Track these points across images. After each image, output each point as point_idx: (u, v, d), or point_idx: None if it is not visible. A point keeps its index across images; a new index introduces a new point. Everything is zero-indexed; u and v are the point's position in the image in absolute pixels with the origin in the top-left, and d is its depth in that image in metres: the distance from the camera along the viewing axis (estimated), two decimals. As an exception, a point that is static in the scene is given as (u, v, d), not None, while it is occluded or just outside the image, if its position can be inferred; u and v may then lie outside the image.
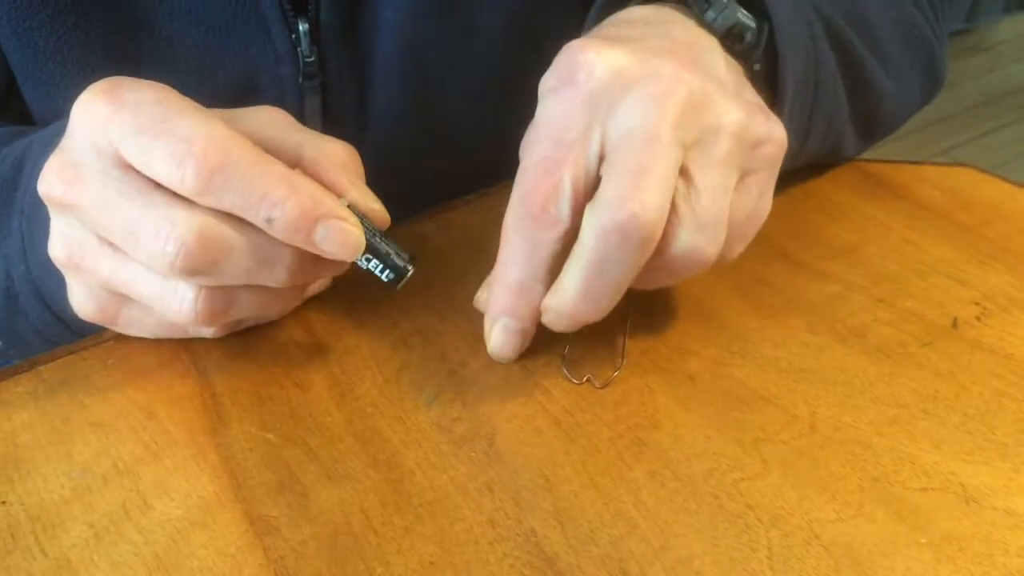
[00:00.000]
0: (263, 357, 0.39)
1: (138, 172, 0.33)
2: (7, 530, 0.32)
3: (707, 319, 0.41)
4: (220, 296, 0.35)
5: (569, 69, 0.36)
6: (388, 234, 0.37)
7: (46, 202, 0.35)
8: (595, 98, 0.35)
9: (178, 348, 0.40)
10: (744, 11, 0.41)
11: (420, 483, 0.34)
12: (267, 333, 0.41)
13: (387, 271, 0.37)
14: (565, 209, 0.35)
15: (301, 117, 0.41)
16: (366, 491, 0.33)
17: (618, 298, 0.36)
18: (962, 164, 0.53)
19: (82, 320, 0.39)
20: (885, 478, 0.33)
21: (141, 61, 0.48)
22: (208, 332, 0.39)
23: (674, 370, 0.38)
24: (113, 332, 0.41)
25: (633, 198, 0.33)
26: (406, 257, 0.37)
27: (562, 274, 0.35)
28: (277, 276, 0.35)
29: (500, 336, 0.38)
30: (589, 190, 0.35)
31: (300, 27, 0.49)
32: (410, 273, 0.37)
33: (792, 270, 0.44)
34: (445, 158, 0.53)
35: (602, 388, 0.37)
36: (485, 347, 0.39)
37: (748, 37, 0.41)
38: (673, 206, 0.34)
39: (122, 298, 0.37)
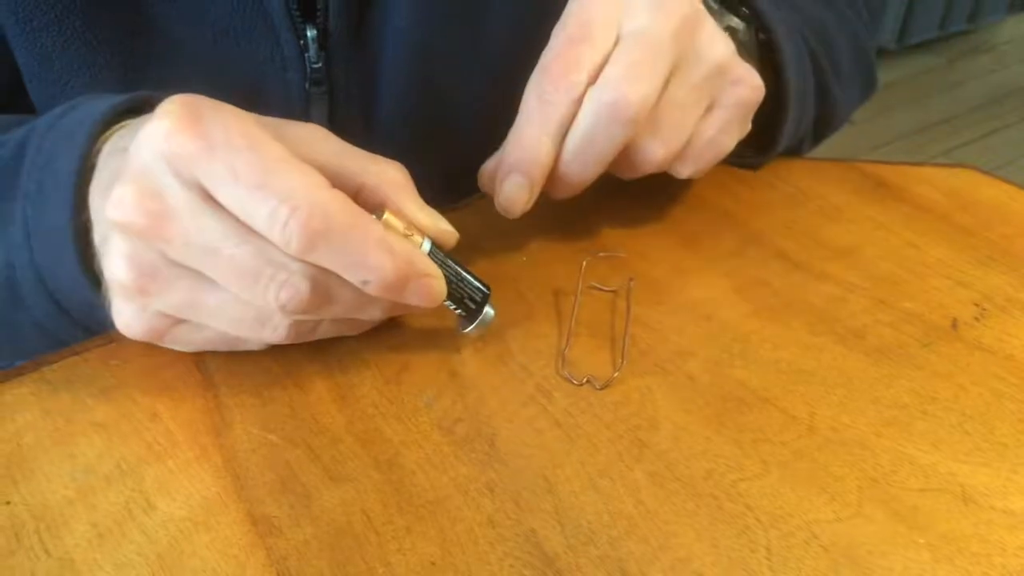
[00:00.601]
0: (265, 359, 0.40)
1: (227, 211, 0.33)
2: (11, 530, 0.32)
3: (707, 320, 0.41)
4: (308, 326, 0.37)
5: None
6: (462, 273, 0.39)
7: (114, 227, 0.34)
8: None
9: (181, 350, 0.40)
10: (735, 18, 0.46)
11: (421, 484, 0.34)
12: (269, 334, 0.41)
13: (461, 310, 0.39)
14: (581, 77, 0.39)
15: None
16: (367, 491, 0.34)
17: (601, 169, 0.41)
18: (963, 165, 0.53)
19: (86, 312, 0.38)
20: (884, 479, 0.34)
21: (149, 63, 0.49)
22: (266, 345, 0.39)
23: (674, 371, 0.39)
24: (117, 334, 0.41)
25: (627, 83, 0.38)
26: (479, 299, 0.39)
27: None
28: (370, 315, 0.38)
29: (510, 188, 0.40)
30: (599, 70, 0.39)
31: (308, 33, 0.49)
32: (482, 318, 0.39)
33: (792, 271, 0.44)
34: (449, 165, 0.53)
35: (602, 389, 0.38)
36: (485, 348, 0.39)
37: (740, 36, 0.45)
38: None
39: (177, 320, 0.36)
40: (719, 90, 0.42)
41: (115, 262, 0.35)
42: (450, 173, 0.49)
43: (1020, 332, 0.40)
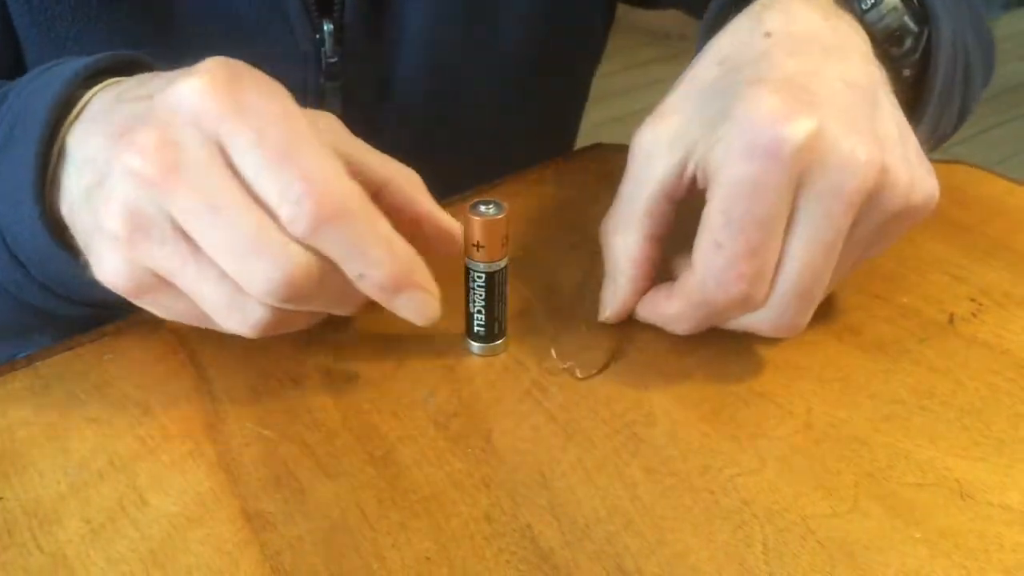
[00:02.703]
0: (259, 353, 0.39)
1: (241, 177, 0.32)
2: (3, 526, 0.32)
3: (704, 315, 0.41)
4: (282, 318, 0.35)
5: (769, 141, 0.33)
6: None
7: (123, 173, 0.32)
8: (793, 170, 0.33)
9: (175, 344, 0.40)
10: (909, 15, 0.40)
11: (416, 479, 0.34)
12: (264, 329, 0.41)
13: (484, 329, 0.39)
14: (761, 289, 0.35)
15: None
16: (362, 487, 0.33)
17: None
18: (961, 161, 0.53)
19: (42, 265, 0.37)
20: (880, 474, 0.33)
21: (163, 56, 0.48)
22: (245, 332, 0.36)
23: (670, 366, 0.39)
24: (111, 327, 0.41)
25: (796, 314, 0.35)
26: (504, 328, 0.39)
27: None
28: (344, 310, 0.36)
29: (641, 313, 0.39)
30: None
31: (325, 27, 0.49)
32: (497, 344, 0.39)
33: (789, 266, 0.44)
34: (457, 162, 0.53)
35: (583, 380, 0.37)
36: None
37: (908, 42, 0.39)
38: None
39: (163, 283, 0.34)
40: (894, 231, 0.37)
41: (112, 208, 0.33)
42: (457, 170, 0.49)
43: (1017, 327, 0.40)
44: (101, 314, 0.41)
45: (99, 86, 0.36)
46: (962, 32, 0.47)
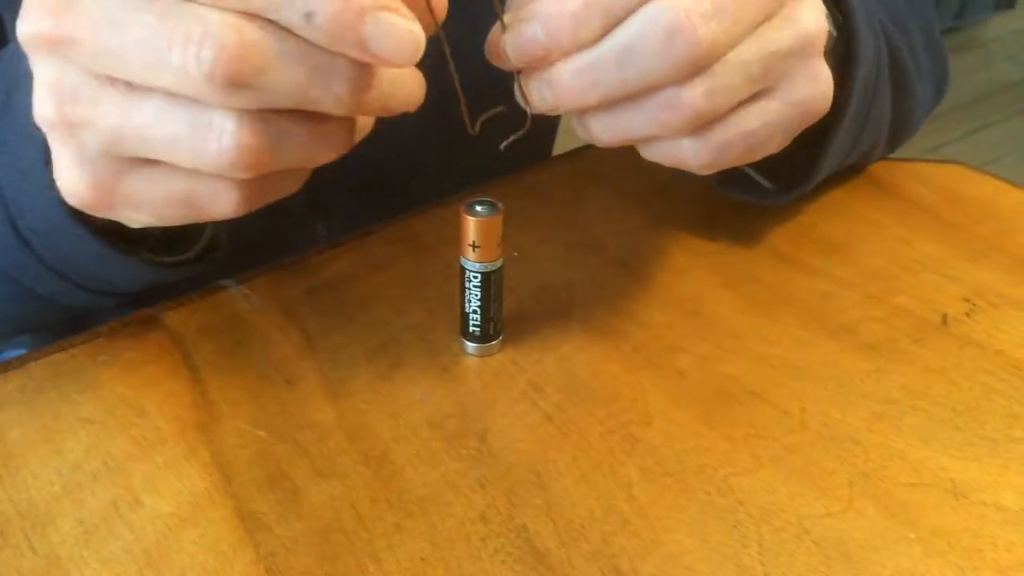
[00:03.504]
0: (254, 353, 0.39)
1: None
2: (-4, 527, 0.32)
3: (698, 315, 0.41)
4: (265, 126, 0.28)
5: None
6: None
7: (29, 49, 0.29)
8: None
9: (168, 345, 0.40)
10: (828, 16, 0.38)
11: (411, 479, 0.34)
12: (258, 329, 0.41)
13: (479, 329, 0.39)
14: None
15: None
16: (357, 488, 0.33)
17: (614, 95, 0.32)
18: (953, 161, 0.53)
19: (48, 237, 0.35)
20: (875, 473, 0.34)
21: None
22: (234, 201, 0.31)
23: (665, 366, 0.39)
24: (104, 328, 0.41)
25: (701, 16, 0.30)
26: (500, 328, 0.39)
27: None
28: (336, 93, 0.29)
29: (523, 35, 0.32)
30: None
31: None
32: (492, 344, 0.39)
33: (783, 267, 0.44)
34: (438, 157, 0.53)
35: (503, 149, 0.34)
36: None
37: (827, 43, 0.37)
38: None
39: (125, 164, 0.30)
40: (790, 76, 0.34)
41: (37, 96, 0.30)
42: (440, 164, 0.48)
43: (1010, 327, 0.40)
44: (104, 302, 0.40)
45: None
46: (898, 46, 0.46)
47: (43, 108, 0.30)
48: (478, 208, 0.36)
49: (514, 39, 0.32)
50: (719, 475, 0.34)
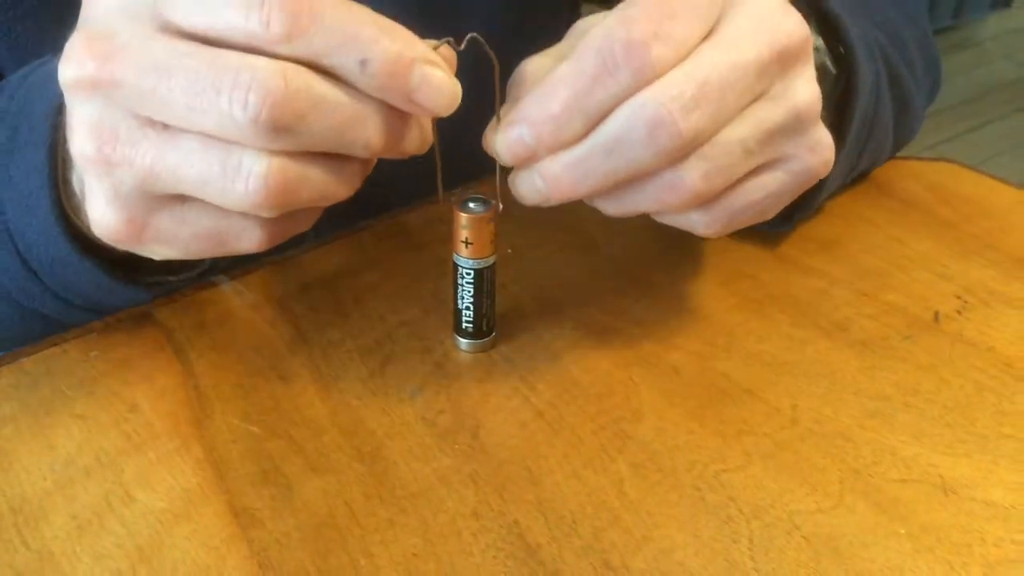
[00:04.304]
0: (247, 349, 0.39)
1: (187, 32, 0.29)
2: (-11, 522, 0.32)
3: (691, 312, 0.41)
4: (292, 169, 0.30)
5: None
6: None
7: (70, 91, 0.30)
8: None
9: (161, 340, 0.40)
10: (830, 56, 0.40)
11: (404, 475, 0.34)
12: (251, 324, 0.41)
13: (472, 326, 0.39)
14: (665, 53, 0.31)
15: None
16: (350, 483, 0.33)
17: (604, 185, 0.33)
18: (946, 160, 0.53)
19: (55, 269, 0.36)
20: (865, 470, 0.34)
21: None
22: (258, 237, 0.32)
23: (658, 363, 0.39)
24: (98, 323, 0.41)
25: (681, 110, 0.30)
26: (493, 326, 0.39)
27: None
28: (366, 139, 0.30)
29: (510, 139, 0.33)
30: (687, 52, 0.32)
31: None
32: (485, 340, 0.39)
33: (776, 264, 0.44)
34: (421, 160, 0.53)
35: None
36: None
37: (825, 86, 0.37)
38: None
39: (156, 201, 0.31)
40: (789, 149, 0.34)
41: (76, 134, 0.31)
42: (421, 169, 0.48)
43: (1001, 325, 0.41)
44: (108, 316, 0.41)
45: None
46: (900, 73, 0.47)
47: (83, 147, 0.30)
48: (471, 204, 0.36)
49: (503, 139, 0.33)
50: (710, 471, 0.34)
